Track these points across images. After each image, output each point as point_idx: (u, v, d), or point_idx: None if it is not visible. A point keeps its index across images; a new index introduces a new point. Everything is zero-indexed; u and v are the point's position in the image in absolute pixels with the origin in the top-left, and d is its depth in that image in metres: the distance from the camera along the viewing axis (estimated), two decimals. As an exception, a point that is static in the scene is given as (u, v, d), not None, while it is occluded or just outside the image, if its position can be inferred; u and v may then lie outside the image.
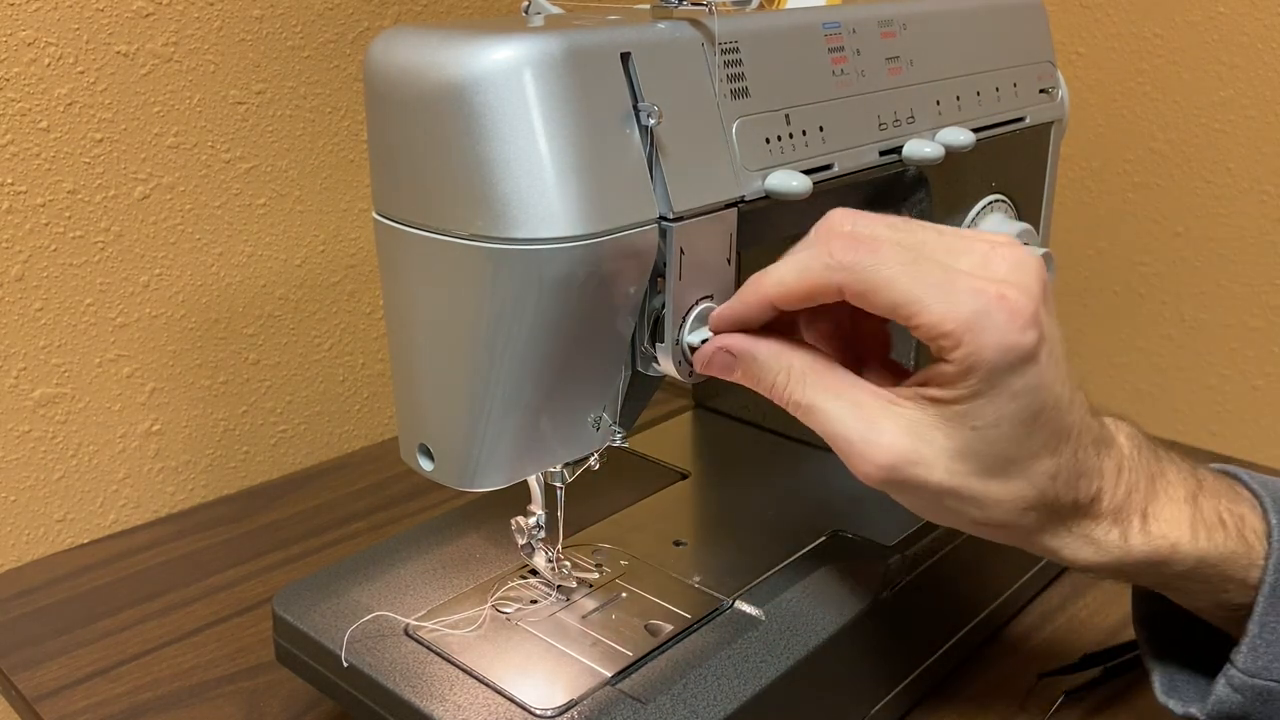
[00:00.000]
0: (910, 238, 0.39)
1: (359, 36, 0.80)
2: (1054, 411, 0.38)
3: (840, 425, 0.39)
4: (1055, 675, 0.57)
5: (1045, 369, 0.38)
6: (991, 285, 0.37)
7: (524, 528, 0.50)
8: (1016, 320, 0.37)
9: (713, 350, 0.42)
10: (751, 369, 0.41)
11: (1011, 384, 0.37)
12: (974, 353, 0.37)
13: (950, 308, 0.37)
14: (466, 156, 0.37)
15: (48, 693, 0.58)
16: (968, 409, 0.38)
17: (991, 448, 0.38)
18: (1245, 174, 0.84)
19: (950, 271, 0.38)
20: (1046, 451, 0.39)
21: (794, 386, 0.40)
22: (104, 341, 0.72)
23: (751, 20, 0.45)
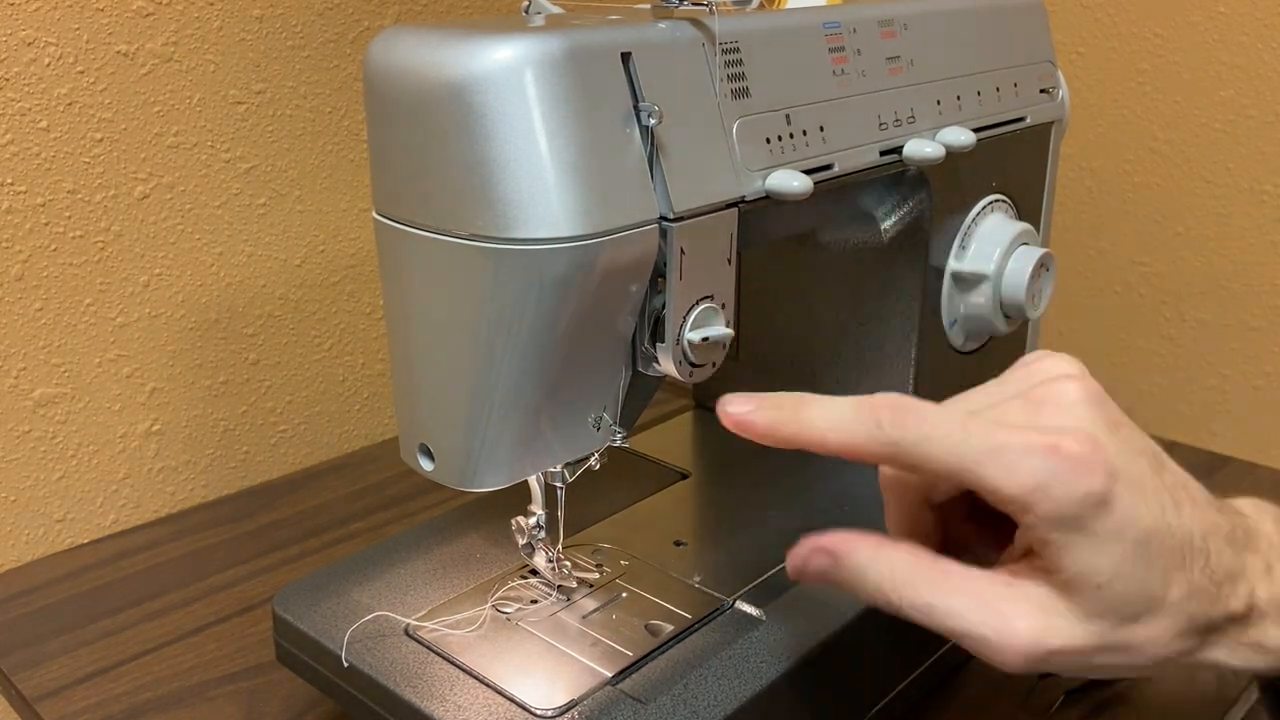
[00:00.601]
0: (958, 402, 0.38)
1: (359, 36, 0.80)
2: (1162, 535, 0.36)
3: (965, 623, 0.37)
4: (1055, 675, 0.57)
5: (1129, 500, 0.35)
6: (1044, 438, 0.35)
7: (524, 528, 0.50)
8: (1079, 469, 0.35)
9: (808, 552, 0.40)
10: (850, 573, 0.39)
11: (1102, 528, 0.35)
12: (1047, 515, 0.35)
13: (1009, 475, 0.35)
14: (466, 156, 0.37)
15: (48, 693, 0.58)
16: (1077, 570, 0.36)
17: (1120, 596, 0.36)
18: (1245, 174, 0.84)
19: (1001, 430, 0.36)
20: (1174, 577, 0.36)
21: (903, 590, 0.38)
22: (104, 341, 0.72)
23: (752, 20, 0.45)
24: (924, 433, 0.36)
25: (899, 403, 0.37)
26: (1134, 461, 0.36)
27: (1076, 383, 0.37)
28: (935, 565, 0.38)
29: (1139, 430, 0.38)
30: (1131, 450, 0.36)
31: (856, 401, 0.38)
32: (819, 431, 0.38)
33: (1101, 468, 0.35)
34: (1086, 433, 0.36)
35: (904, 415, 0.36)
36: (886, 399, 0.37)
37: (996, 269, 0.56)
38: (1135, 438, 0.37)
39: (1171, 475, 0.37)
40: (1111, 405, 0.37)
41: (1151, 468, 0.37)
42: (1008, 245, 0.56)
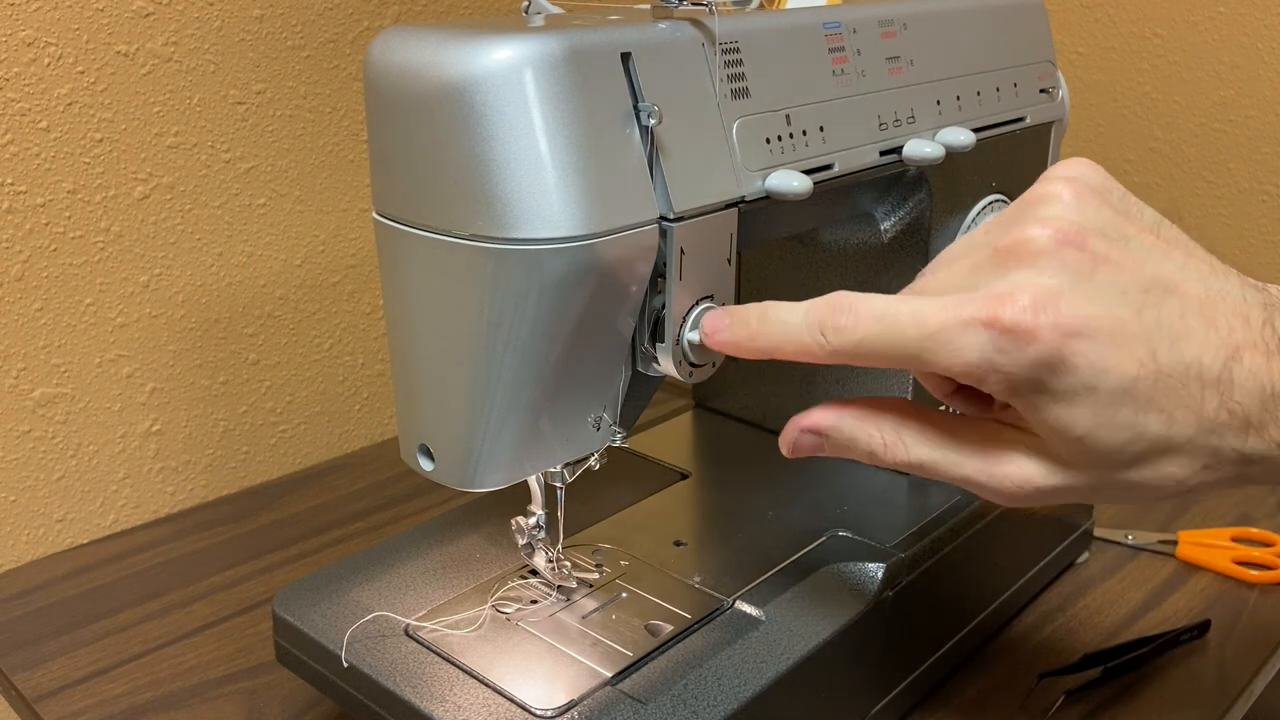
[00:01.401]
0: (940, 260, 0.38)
1: (359, 36, 0.80)
2: (1151, 378, 0.33)
3: (960, 470, 0.37)
4: (1055, 675, 0.57)
5: (1097, 352, 0.33)
6: (981, 309, 0.34)
7: (524, 528, 0.50)
8: (1021, 337, 0.33)
9: (795, 433, 0.40)
10: (841, 443, 0.39)
11: (1064, 386, 0.34)
12: (1000, 387, 0.34)
13: (953, 356, 0.34)
14: (466, 156, 0.37)
15: (48, 693, 0.58)
16: (1052, 426, 0.35)
17: (1107, 444, 0.34)
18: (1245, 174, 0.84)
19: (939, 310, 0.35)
20: (1179, 416, 0.34)
21: (894, 449, 0.38)
22: (104, 341, 0.72)
23: (752, 20, 0.45)
24: (863, 334, 0.36)
25: (838, 304, 0.36)
26: (1109, 305, 0.34)
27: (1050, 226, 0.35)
28: (921, 422, 0.38)
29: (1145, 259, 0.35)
30: (1108, 293, 0.34)
31: (806, 309, 0.37)
32: (775, 342, 0.38)
33: (1049, 329, 0.33)
34: (1035, 289, 0.34)
35: (840, 319, 0.36)
36: (828, 301, 0.37)
37: (996, 269, 0.55)
38: (1122, 275, 0.34)
39: (1181, 303, 0.34)
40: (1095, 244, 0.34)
41: (1140, 305, 0.34)
42: (1008, 245, 0.56)
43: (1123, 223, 0.36)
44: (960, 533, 0.56)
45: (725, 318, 0.41)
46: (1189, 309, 0.34)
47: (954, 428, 0.38)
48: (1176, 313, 0.34)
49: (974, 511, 0.57)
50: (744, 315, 0.40)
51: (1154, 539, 0.69)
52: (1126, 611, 0.63)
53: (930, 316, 0.35)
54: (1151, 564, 0.68)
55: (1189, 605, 0.64)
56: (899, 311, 0.35)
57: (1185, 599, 0.64)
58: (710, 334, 0.41)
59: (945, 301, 0.35)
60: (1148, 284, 0.34)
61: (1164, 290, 0.35)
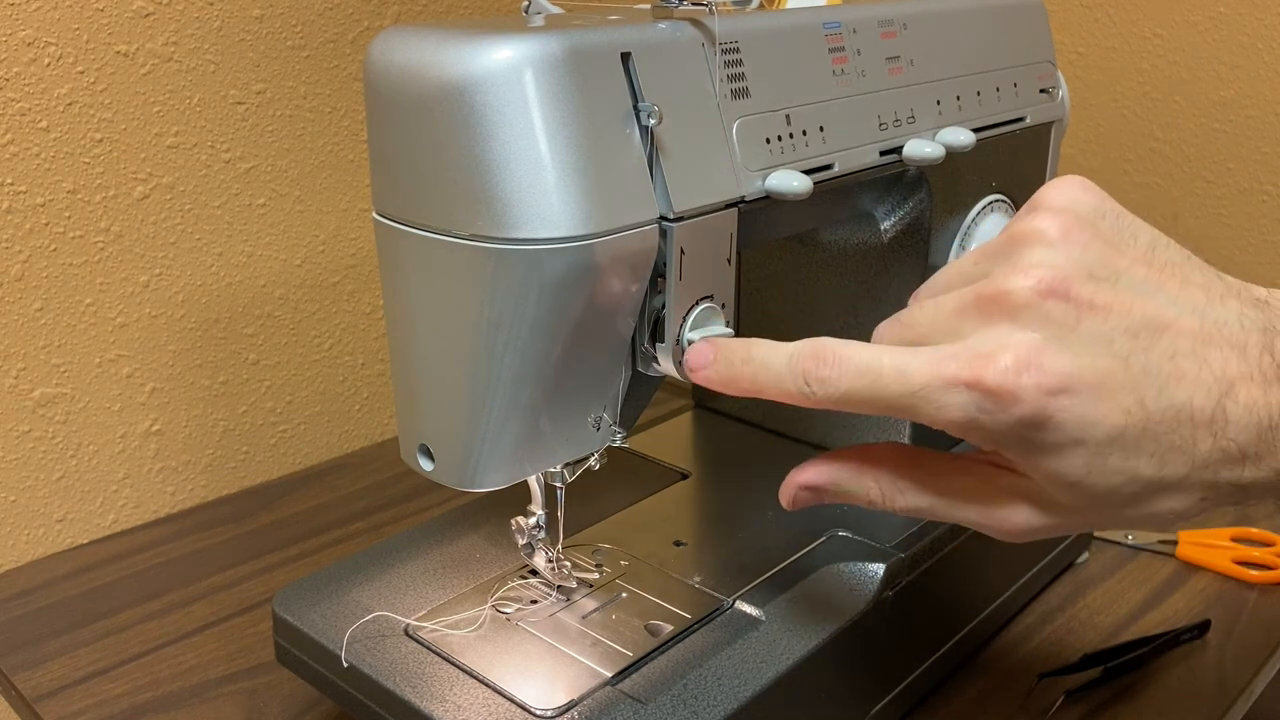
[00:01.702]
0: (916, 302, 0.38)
1: (359, 36, 0.80)
2: (1140, 425, 0.33)
3: (960, 514, 0.38)
4: (1055, 675, 0.57)
5: (1083, 407, 0.33)
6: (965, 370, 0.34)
7: (524, 528, 0.50)
8: (1004, 399, 0.33)
9: (793, 490, 0.41)
10: (838, 496, 0.40)
11: (1052, 441, 0.34)
12: (986, 443, 0.34)
13: (938, 414, 0.34)
14: (466, 156, 0.37)
15: (48, 693, 0.58)
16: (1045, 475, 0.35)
17: (1103, 487, 0.34)
18: (1245, 174, 0.84)
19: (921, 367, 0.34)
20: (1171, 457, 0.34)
21: (890, 499, 0.39)
22: (104, 341, 0.72)
23: (751, 20, 0.45)
24: (846, 388, 0.36)
25: (821, 353, 0.36)
26: (1095, 357, 0.33)
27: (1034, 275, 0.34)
28: (917, 468, 0.38)
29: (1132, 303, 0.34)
30: (1093, 345, 0.34)
31: (790, 354, 0.37)
32: (759, 386, 0.38)
33: (1032, 390, 0.33)
34: (1018, 348, 0.33)
35: (824, 370, 0.36)
36: (810, 349, 0.37)
37: (996, 269, 0.55)
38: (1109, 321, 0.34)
39: (1172, 344, 0.34)
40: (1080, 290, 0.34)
41: (1128, 351, 0.34)
42: (1008, 245, 0.56)
43: (1113, 256, 0.35)
44: (960, 532, 0.56)
45: (710, 353, 0.40)
46: (1180, 348, 0.34)
47: (950, 472, 0.38)
48: (1167, 354, 0.34)
49: (974, 511, 0.56)
50: (728, 355, 0.40)
51: (1154, 539, 0.69)
52: (1126, 611, 0.63)
53: (914, 374, 0.35)
54: (1151, 564, 0.68)
55: (1189, 605, 0.64)
56: (882, 366, 0.35)
57: (1185, 599, 0.64)
58: (695, 369, 0.41)
59: (929, 357, 0.35)
60: (1136, 327, 0.34)
61: (1154, 331, 0.34)
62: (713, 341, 0.41)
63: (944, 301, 0.37)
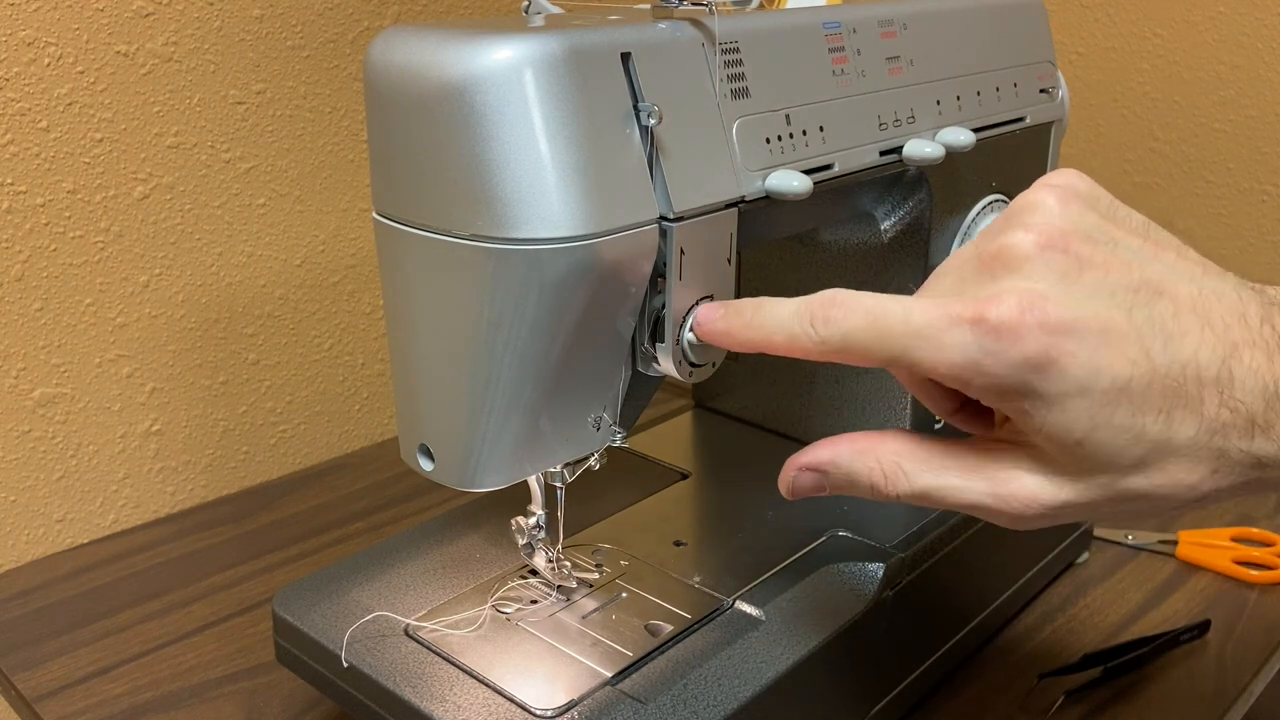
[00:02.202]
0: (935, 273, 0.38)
1: (359, 36, 0.80)
2: (1147, 377, 0.33)
3: (964, 496, 0.36)
4: (1055, 675, 0.57)
5: (1087, 352, 0.33)
6: (968, 308, 0.34)
7: (524, 528, 0.50)
8: (1007, 336, 0.33)
9: (794, 473, 0.39)
10: (840, 477, 0.39)
11: (1056, 389, 0.33)
12: (987, 389, 0.34)
13: (938, 355, 0.34)
14: (466, 156, 0.37)
15: (48, 693, 0.58)
16: (1047, 432, 0.34)
17: (1108, 448, 0.34)
18: (1245, 174, 0.84)
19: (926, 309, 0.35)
20: (1178, 416, 0.33)
21: (894, 481, 0.37)
22: (104, 341, 0.72)
23: (751, 20, 0.45)
24: (850, 326, 0.36)
25: (830, 298, 0.36)
26: (1097, 307, 0.33)
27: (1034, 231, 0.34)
28: (921, 450, 0.38)
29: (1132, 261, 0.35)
30: (1096, 294, 0.34)
31: (799, 302, 0.37)
32: (766, 332, 0.38)
33: (1036, 328, 0.33)
34: (1021, 292, 0.33)
35: (831, 311, 0.36)
36: (823, 295, 0.37)
37: (996, 269, 0.55)
38: (1109, 277, 0.34)
39: (1172, 303, 0.34)
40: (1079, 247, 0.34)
41: (1130, 305, 0.34)
42: (1008, 245, 0.56)
43: (1109, 227, 0.36)
44: (960, 533, 0.56)
45: (719, 308, 0.41)
46: (1181, 308, 0.34)
47: (955, 452, 0.37)
48: (1169, 312, 0.34)
49: (974, 511, 0.56)
50: (739, 307, 0.40)
51: (1154, 539, 0.69)
52: (1126, 611, 0.63)
53: (917, 314, 0.35)
54: (1151, 564, 0.68)
55: (1189, 605, 0.64)
56: (888, 308, 0.35)
57: (1185, 599, 0.64)
58: (703, 323, 0.41)
59: (934, 301, 0.35)
60: (1136, 284, 0.34)
61: (1154, 291, 0.34)
62: (722, 302, 0.42)
63: (946, 274, 0.37)
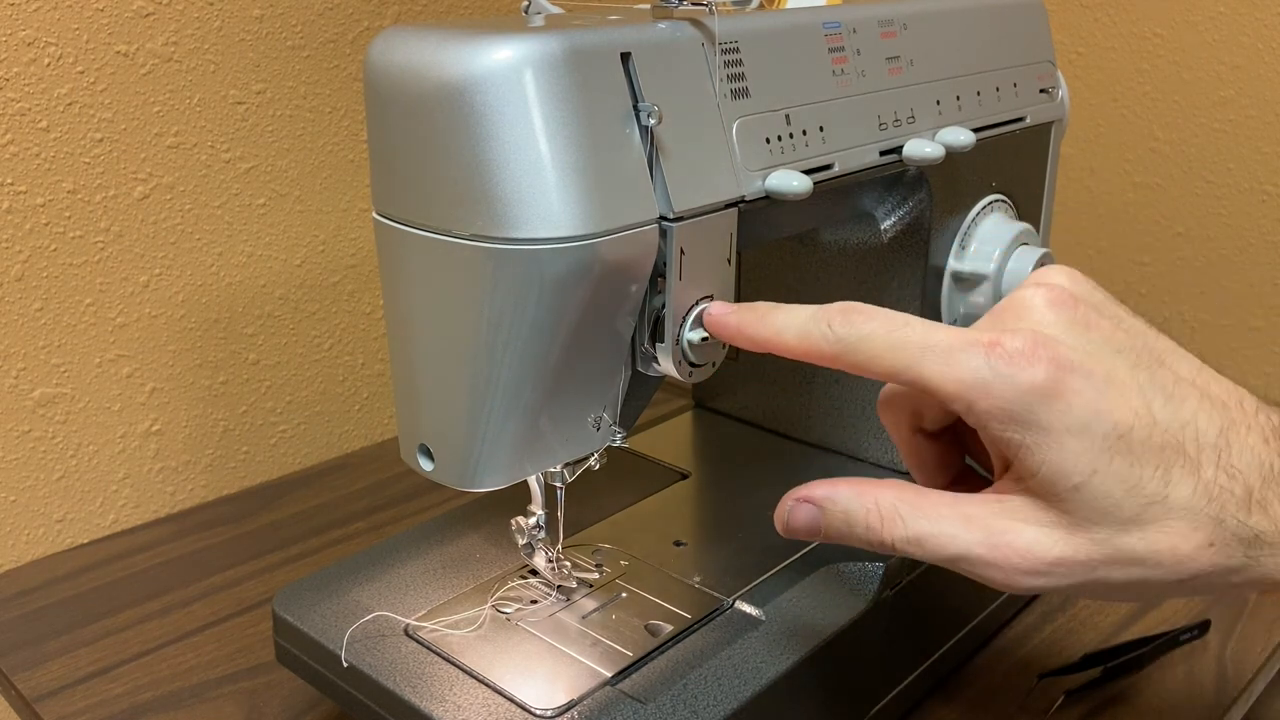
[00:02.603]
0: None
1: (359, 36, 0.80)
2: (1148, 428, 0.34)
3: (958, 545, 0.36)
4: (1055, 675, 0.57)
5: (1091, 392, 0.34)
6: (984, 335, 0.35)
7: (524, 528, 0.50)
8: (1017, 361, 0.34)
9: (790, 505, 0.40)
10: (836, 516, 0.39)
11: (1058, 422, 0.34)
12: (990, 411, 0.34)
13: (947, 370, 0.35)
14: (466, 156, 0.37)
15: (48, 693, 0.58)
16: (1046, 470, 0.34)
17: (1105, 496, 0.34)
18: (1245, 174, 0.84)
19: (943, 331, 0.36)
20: (1176, 475, 0.34)
21: (890, 523, 0.37)
22: (104, 341, 0.72)
23: (751, 20, 0.45)
24: (867, 330, 0.37)
25: (849, 304, 0.38)
26: (1102, 357, 0.35)
27: (1045, 290, 0.36)
28: (920, 497, 0.38)
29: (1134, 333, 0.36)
30: (1103, 347, 0.35)
31: (815, 307, 0.39)
32: (777, 330, 0.39)
33: (1045, 360, 0.34)
34: (1035, 330, 0.35)
35: (850, 315, 0.37)
36: (841, 304, 0.38)
37: (996, 269, 0.56)
38: (1114, 338, 0.36)
39: (1173, 374, 0.35)
40: (1088, 310, 0.36)
41: (1133, 364, 0.35)
42: (1008, 245, 0.56)
43: (1112, 307, 0.38)
44: (960, 533, 0.55)
45: (731, 306, 0.42)
46: (1181, 379, 0.36)
47: (954, 501, 0.37)
48: (1170, 379, 0.35)
49: (974, 511, 0.56)
50: (751, 305, 0.41)
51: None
52: (1127, 611, 0.63)
53: (935, 332, 0.36)
54: (1151, 564, 0.68)
55: (1189, 605, 0.64)
56: (908, 320, 0.37)
57: (1185, 599, 0.64)
58: (715, 317, 0.42)
59: (952, 330, 0.36)
60: (1140, 350, 0.36)
61: (1156, 360, 0.36)
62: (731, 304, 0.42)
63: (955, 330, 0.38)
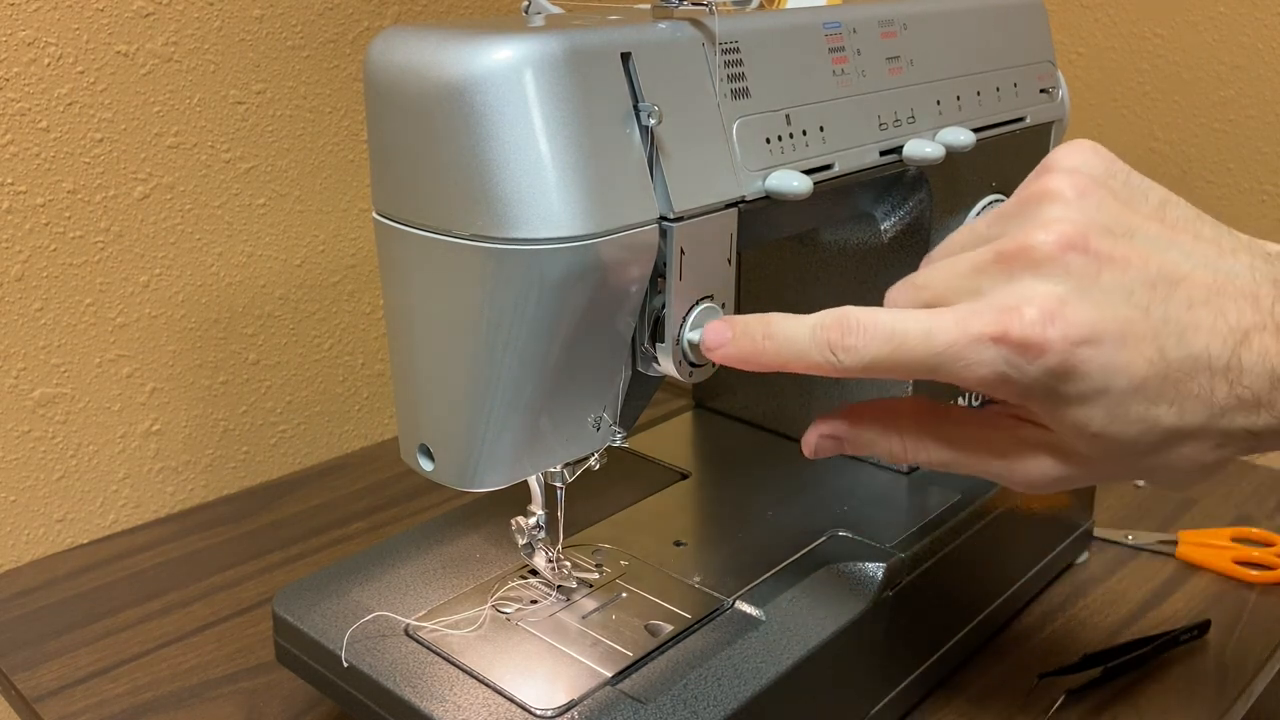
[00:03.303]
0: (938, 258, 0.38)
1: (359, 36, 0.80)
2: (1161, 373, 0.34)
3: (982, 466, 0.38)
4: (1055, 675, 0.57)
5: (1106, 356, 0.34)
6: (990, 324, 0.34)
7: (524, 528, 0.50)
8: (1030, 350, 0.34)
9: (816, 437, 0.41)
10: (861, 446, 0.41)
11: (1077, 391, 0.34)
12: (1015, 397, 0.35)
13: (966, 373, 0.35)
14: (466, 156, 0.37)
15: (48, 693, 0.58)
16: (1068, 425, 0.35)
17: (1123, 436, 0.35)
18: (1245, 174, 0.84)
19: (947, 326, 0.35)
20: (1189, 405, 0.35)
21: (913, 451, 0.39)
22: (104, 341, 0.72)
23: (752, 20, 0.45)
24: (873, 354, 0.36)
25: (845, 322, 0.37)
26: (1114, 309, 0.34)
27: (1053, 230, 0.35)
28: (940, 421, 0.39)
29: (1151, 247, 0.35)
30: (1114, 296, 0.35)
31: (813, 325, 0.38)
32: (782, 358, 0.39)
33: (1059, 340, 0.34)
34: (1042, 301, 0.34)
35: (850, 339, 0.37)
36: (833, 319, 0.37)
37: (996, 269, 0.55)
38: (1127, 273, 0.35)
39: (1188, 294, 0.35)
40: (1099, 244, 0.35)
41: (1148, 302, 0.35)
42: (1008, 245, 0.56)
43: (1127, 214, 0.36)
44: (960, 533, 0.55)
45: (728, 331, 0.40)
46: (1196, 298, 0.35)
47: (972, 424, 0.39)
48: (1184, 304, 0.35)
49: (974, 511, 0.56)
50: (748, 329, 0.40)
51: (1154, 539, 0.69)
52: (1126, 611, 0.63)
53: (939, 334, 0.35)
54: (1151, 564, 0.68)
55: (1189, 605, 0.64)
56: (908, 330, 0.36)
57: (1185, 599, 0.64)
58: (713, 348, 0.41)
59: (953, 316, 0.35)
60: (1154, 279, 0.35)
61: (1171, 283, 0.35)
62: (729, 319, 0.41)
63: (959, 261, 0.37)
